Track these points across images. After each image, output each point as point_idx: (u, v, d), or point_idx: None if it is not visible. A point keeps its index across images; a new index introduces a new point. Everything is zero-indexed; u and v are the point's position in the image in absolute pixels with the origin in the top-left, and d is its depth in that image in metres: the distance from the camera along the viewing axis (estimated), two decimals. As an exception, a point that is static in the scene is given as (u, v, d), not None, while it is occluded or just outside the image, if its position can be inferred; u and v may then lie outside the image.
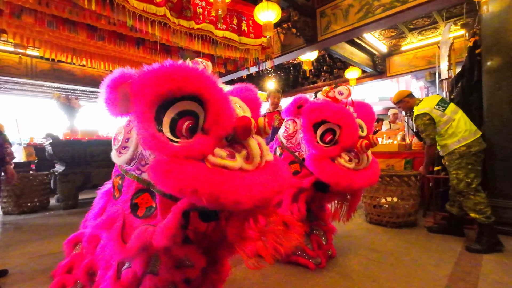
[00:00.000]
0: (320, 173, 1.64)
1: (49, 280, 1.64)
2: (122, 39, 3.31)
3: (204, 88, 0.91)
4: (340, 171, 1.63)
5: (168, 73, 0.89)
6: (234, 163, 0.88)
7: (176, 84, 0.88)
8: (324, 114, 1.66)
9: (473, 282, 1.61)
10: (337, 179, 1.61)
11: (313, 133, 1.69)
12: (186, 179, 0.81)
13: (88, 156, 4.05)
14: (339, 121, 1.65)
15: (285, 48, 4.51)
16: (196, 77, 0.91)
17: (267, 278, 1.69)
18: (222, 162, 0.87)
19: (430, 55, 5.39)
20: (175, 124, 0.90)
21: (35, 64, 5.51)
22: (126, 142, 1.07)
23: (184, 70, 0.91)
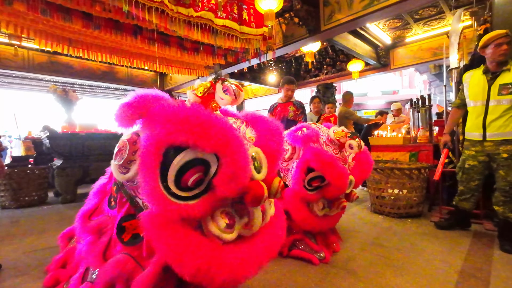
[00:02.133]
0: (293, 212, 1.72)
1: (43, 275, 1.58)
2: (119, 28, 3.21)
3: (224, 146, 0.80)
4: (309, 217, 1.75)
5: (187, 122, 0.78)
6: (230, 236, 0.85)
7: (193, 138, 0.78)
8: (323, 169, 1.64)
9: (485, 279, 1.54)
10: (305, 222, 1.75)
11: (304, 175, 1.71)
12: (175, 248, 0.78)
13: (86, 150, 3.98)
14: (333, 181, 1.66)
15: (287, 39, 4.39)
16: (220, 135, 0.79)
17: (269, 274, 1.62)
18: (218, 233, 0.83)
19: (435, 47, 5.25)
20: (182, 174, 0.81)
21: (32, 57, 5.41)
22: (128, 164, 0.97)
23: (206, 123, 0.79)
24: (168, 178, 0.81)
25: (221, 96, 0.98)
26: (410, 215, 2.76)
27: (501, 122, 1.97)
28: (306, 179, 1.71)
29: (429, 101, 3.61)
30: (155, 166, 0.79)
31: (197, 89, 1.01)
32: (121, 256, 0.95)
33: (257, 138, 1.04)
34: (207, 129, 0.78)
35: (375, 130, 4.33)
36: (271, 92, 8.42)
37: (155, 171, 0.79)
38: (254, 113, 1.16)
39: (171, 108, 0.83)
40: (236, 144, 0.82)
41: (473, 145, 2.16)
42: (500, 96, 1.97)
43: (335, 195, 1.74)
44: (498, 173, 2.01)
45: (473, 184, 2.18)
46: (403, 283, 1.51)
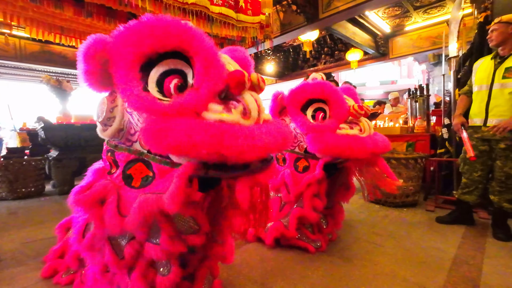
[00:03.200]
0: (326, 147, 1.54)
1: (41, 265, 1.59)
2: (112, 16, 3.12)
3: (189, 40, 0.81)
4: (345, 138, 1.54)
5: (148, 28, 0.79)
6: (232, 116, 0.79)
7: (157, 39, 0.78)
8: (307, 93, 1.61)
9: (477, 266, 1.57)
10: (345, 146, 1.50)
11: (304, 115, 1.65)
12: (182, 134, 0.72)
13: (83, 141, 3.94)
14: (324, 95, 1.60)
15: (285, 27, 4.31)
16: (180, 29, 0.81)
17: (266, 262, 1.64)
18: (219, 116, 0.78)
19: (435, 35, 5.20)
20: (161, 83, 0.81)
21: (24, 46, 5.28)
22: (111, 112, 0.96)
23: (165, 22, 0.80)
24: (150, 90, 0.81)
25: None
26: (406, 204, 2.80)
27: (504, 108, 1.92)
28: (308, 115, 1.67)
29: (427, 91, 3.59)
30: (134, 79, 0.80)
31: None
32: (139, 199, 0.88)
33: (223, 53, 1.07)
34: (166, 27, 0.79)
35: (373, 120, 4.32)
36: (269, 82, 8.34)
37: (135, 82, 0.79)
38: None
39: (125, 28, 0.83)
40: (201, 39, 0.83)
41: (475, 132, 2.11)
42: (504, 80, 1.92)
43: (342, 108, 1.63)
44: (496, 163, 2.00)
45: (476, 175, 2.11)
46: (397, 270, 1.53)
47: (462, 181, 2.21)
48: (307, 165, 1.79)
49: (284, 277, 1.47)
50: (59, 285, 1.39)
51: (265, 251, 1.79)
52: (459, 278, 1.44)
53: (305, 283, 1.41)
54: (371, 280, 1.43)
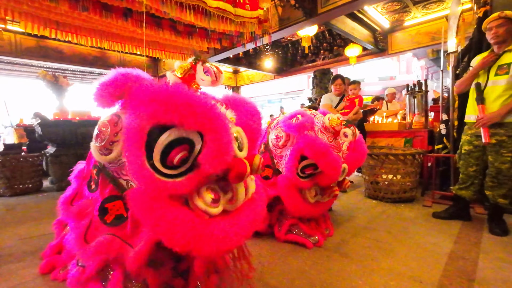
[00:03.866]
0: (285, 199, 1.74)
1: (38, 261, 1.59)
2: (108, 10, 3.08)
3: (208, 124, 0.81)
4: (301, 204, 1.75)
5: (173, 102, 0.78)
6: (216, 210, 0.88)
7: (179, 118, 0.78)
8: (316, 158, 1.63)
9: (473, 260, 1.59)
10: (296, 209, 1.76)
11: (298, 163, 1.70)
12: (164, 223, 0.80)
13: (80, 137, 3.92)
14: (326, 169, 1.66)
15: (283, 22, 4.27)
16: (204, 114, 0.81)
17: (264, 257, 1.65)
18: (204, 208, 0.86)
19: (434, 31, 5.17)
20: (167, 153, 0.81)
21: (20, 41, 5.21)
22: (110, 145, 0.95)
23: (192, 103, 0.80)
24: (154, 157, 0.81)
25: (202, 77, 0.97)
26: (403, 200, 2.81)
27: (494, 104, 1.93)
28: (299, 167, 1.70)
29: (425, 86, 3.59)
30: (141, 145, 0.80)
31: (176, 70, 0.99)
32: (104, 237, 0.98)
33: (237, 119, 1.06)
34: (191, 108, 0.79)
35: (371, 116, 4.32)
36: (267, 78, 8.30)
37: (141, 150, 0.79)
38: (233, 95, 1.18)
39: (154, 88, 0.82)
40: (219, 122, 0.84)
41: (470, 128, 2.13)
42: (496, 77, 1.94)
43: (327, 183, 1.75)
44: (488, 158, 2.02)
45: (471, 170, 2.12)
46: (393, 265, 1.55)
47: (460, 177, 2.23)
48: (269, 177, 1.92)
49: (282, 272, 1.48)
50: (56, 281, 1.39)
51: (262, 247, 1.80)
52: (454, 272, 1.46)
53: (303, 278, 1.41)
54: (368, 274, 1.45)
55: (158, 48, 4.38)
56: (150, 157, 0.81)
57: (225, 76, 8.74)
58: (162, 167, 0.81)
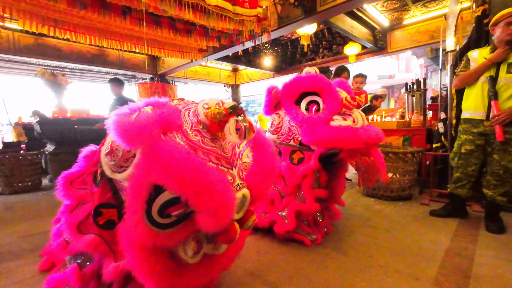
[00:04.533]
0: (320, 139, 1.57)
1: (38, 259, 1.60)
2: (106, 8, 3.06)
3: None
4: (338, 129, 1.55)
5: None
6: (194, 261, 0.96)
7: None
8: (300, 86, 1.65)
9: (469, 257, 1.60)
10: (338, 137, 1.52)
11: (298, 107, 1.69)
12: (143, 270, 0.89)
13: (79, 135, 3.93)
14: (316, 88, 1.63)
15: (283, 20, 4.26)
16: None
17: (262, 255, 1.66)
18: (185, 258, 0.93)
19: (433, 29, 5.16)
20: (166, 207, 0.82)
21: (18, 39, 5.18)
22: (125, 162, 0.98)
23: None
24: (152, 209, 0.80)
25: (231, 132, 0.86)
26: (401, 198, 2.83)
27: (507, 102, 1.88)
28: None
29: (424, 85, 3.60)
30: (143, 198, 0.79)
31: (209, 109, 0.89)
32: (93, 238, 1.06)
33: (252, 170, 1.02)
34: (199, 193, 0.74)
35: (370, 115, 4.33)
36: (266, 76, 8.29)
37: (142, 202, 0.79)
38: (260, 135, 1.08)
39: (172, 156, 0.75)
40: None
41: (474, 126, 2.06)
42: (509, 74, 1.89)
43: (335, 100, 1.59)
44: (492, 157, 2.00)
45: (470, 170, 2.12)
46: (391, 262, 1.56)
47: (455, 175, 2.22)
48: (302, 157, 1.81)
49: (280, 270, 1.49)
50: (56, 278, 1.40)
51: (261, 244, 1.81)
52: (451, 269, 1.47)
53: (301, 276, 1.43)
54: (365, 272, 1.46)
55: (157, 46, 4.36)
56: (149, 209, 0.80)
57: (224, 74, 8.72)
58: (159, 217, 0.81)
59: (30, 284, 1.39)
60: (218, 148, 0.93)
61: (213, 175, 0.78)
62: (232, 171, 0.93)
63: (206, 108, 0.90)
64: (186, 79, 7.96)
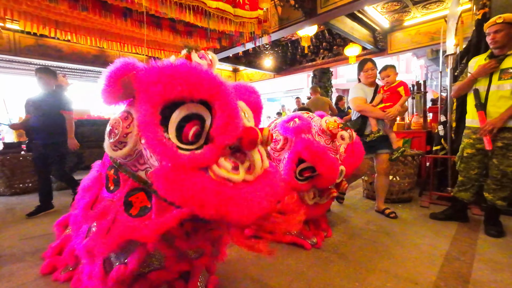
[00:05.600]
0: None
1: (40, 262, 1.61)
2: (107, 10, 3.07)
3: (216, 94, 0.84)
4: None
5: (180, 75, 0.81)
6: (238, 177, 0.87)
7: (188, 89, 0.81)
8: (313, 160, 1.65)
9: (468, 262, 1.61)
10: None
11: (295, 166, 1.71)
12: (193, 193, 0.79)
13: (79, 137, 3.93)
14: (324, 172, 1.66)
15: (283, 22, 4.27)
16: (210, 82, 0.84)
17: (262, 259, 1.67)
18: (227, 175, 0.84)
19: (433, 31, 5.18)
20: (181, 129, 0.83)
21: (19, 40, 5.19)
22: (124, 137, 0.98)
23: (198, 73, 0.84)
24: (169, 134, 0.83)
25: (199, 62, 0.99)
26: (401, 200, 2.84)
27: (500, 109, 1.92)
28: (297, 170, 1.72)
29: (424, 87, 3.60)
30: (157, 123, 0.81)
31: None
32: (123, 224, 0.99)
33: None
34: (199, 79, 0.83)
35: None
36: (266, 77, 8.31)
37: (158, 127, 0.81)
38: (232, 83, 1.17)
39: (159, 67, 0.84)
40: (226, 93, 0.87)
41: (473, 132, 2.10)
42: (501, 81, 1.92)
43: (325, 185, 1.78)
44: (492, 161, 2.01)
45: (473, 173, 2.12)
46: (390, 266, 1.57)
47: (459, 179, 2.22)
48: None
49: (280, 273, 1.50)
50: (58, 282, 1.41)
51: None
52: (450, 274, 1.48)
53: (301, 279, 1.44)
54: (365, 276, 1.47)
55: (157, 48, 4.37)
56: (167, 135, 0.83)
57: (224, 75, 8.73)
58: (179, 143, 0.83)
59: (32, 287, 1.39)
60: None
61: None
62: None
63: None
64: (186, 79, 7.96)
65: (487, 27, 2.02)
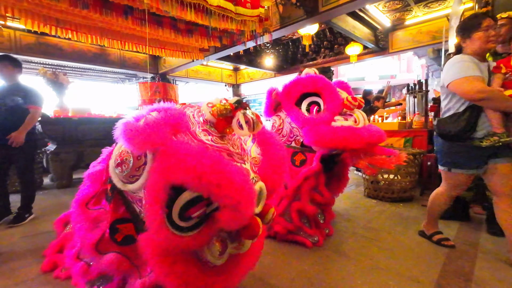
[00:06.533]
0: (322, 139, 1.56)
1: (40, 259, 1.61)
2: (108, 8, 3.06)
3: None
4: (340, 129, 1.55)
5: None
6: (221, 262, 0.94)
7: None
8: (300, 88, 1.65)
9: (470, 260, 1.60)
10: (340, 137, 1.51)
11: (299, 109, 1.68)
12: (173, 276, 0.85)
13: (80, 135, 3.93)
14: (317, 88, 1.63)
15: (284, 21, 4.25)
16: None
17: (264, 256, 1.66)
18: (212, 260, 0.92)
19: (435, 30, 5.15)
20: (186, 209, 0.81)
21: (19, 38, 5.18)
22: (137, 171, 0.93)
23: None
24: (173, 211, 0.79)
25: (242, 124, 0.87)
26: (402, 199, 2.83)
27: None
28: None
29: (426, 86, 3.59)
30: (162, 201, 0.77)
31: (214, 106, 0.89)
32: (115, 257, 1.02)
33: (262, 162, 1.02)
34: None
35: (371, 115, 4.33)
36: (268, 76, 8.29)
37: (161, 206, 0.78)
38: (264, 129, 1.07)
39: (188, 154, 0.75)
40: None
41: None
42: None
43: (336, 100, 1.58)
44: None
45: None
46: (392, 264, 1.56)
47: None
48: (304, 158, 1.81)
49: (282, 272, 1.49)
50: (59, 279, 1.41)
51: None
52: (452, 272, 1.47)
53: (302, 278, 1.43)
54: (366, 274, 1.46)
55: (158, 46, 4.35)
56: (170, 211, 0.79)
57: (225, 74, 8.72)
58: (180, 220, 0.80)
59: (33, 285, 1.39)
60: (228, 145, 0.93)
61: (231, 168, 0.78)
62: (245, 165, 0.92)
63: (211, 107, 0.91)
64: (187, 78, 7.96)
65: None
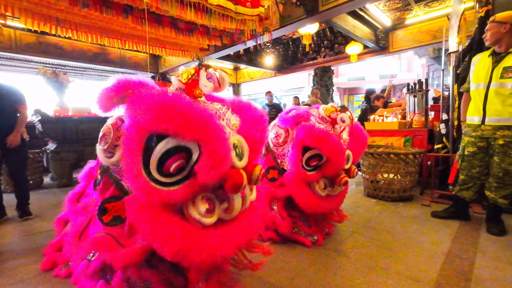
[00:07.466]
0: (295, 195, 1.71)
1: (40, 258, 1.61)
2: (108, 7, 3.06)
3: (205, 135, 0.81)
4: (313, 197, 1.73)
5: (169, 112, 0.78)
6: (210, 220, 0.89)
7: (174, 128, 0.78)
8: (318, 145, 1.64)
9: (470, 260, 1.60)
10: (308, 205, 1.71)
11: (301, 155, 1.70)
12: (156, 232, 0.82)
13: (80, 134, 3.93)
14: (330, 155, 1.66)
15: (284, 20, 4.25)
16: (198, 122, 0.80)
17: (262, 256, 1.66)
18: (198, 218, 0.87)
19: (435, 29, 5.15)
20: (164, 160, 0.82)
21: (20, 37, 5.19)
22: (112, 149, 0.98)
23: (188, 113, 0.80)
24: (150, 164, 0.81)
25: (205, 83, 0.97)
26: (402, 199, 2.83)
27: (500, 107, 1.91)
28: (303, 159, 1.70)
29: (426, 85, 3.58)
30: (138, 153, 0.80)
31: (181, 75, 1.00)
32: (98, 235, 1.02)
33: (241, 125, 1.05)
34: (186, 118, 0.79)
35: (371, 115, 4.32)
36: (268, 75, 8.29)
37: (137, 158, 0.80)
38: (240, 99, 1.17)
39: (151, 96, 0.82)
40: (216, 133, 0.83)
41: (473, 130, 2.09)
42: (502, 79, 1.90)
43: (334, 170, 1.73)
44: (493, 159, 2.00)
45: (475, 172, 2.10)
46: (391, 263, 1.56)
47: (461, 178, 2.21)
48: (276, 178, 1.87)
49: (281, 271, 1.49)
50: (58, 278, 1.41)
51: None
52: (451, 271, 1.47)
53: (301, 277, 1.43)
54: (366, 273, 1.46)
55: (158, 45, 4.36)
56: (147, 165, 0.81)
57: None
58: (159, 175, 0.82)
59: (32, 283, 1.39)
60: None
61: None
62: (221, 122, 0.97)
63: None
64: (187, 77, 7.94)
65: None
